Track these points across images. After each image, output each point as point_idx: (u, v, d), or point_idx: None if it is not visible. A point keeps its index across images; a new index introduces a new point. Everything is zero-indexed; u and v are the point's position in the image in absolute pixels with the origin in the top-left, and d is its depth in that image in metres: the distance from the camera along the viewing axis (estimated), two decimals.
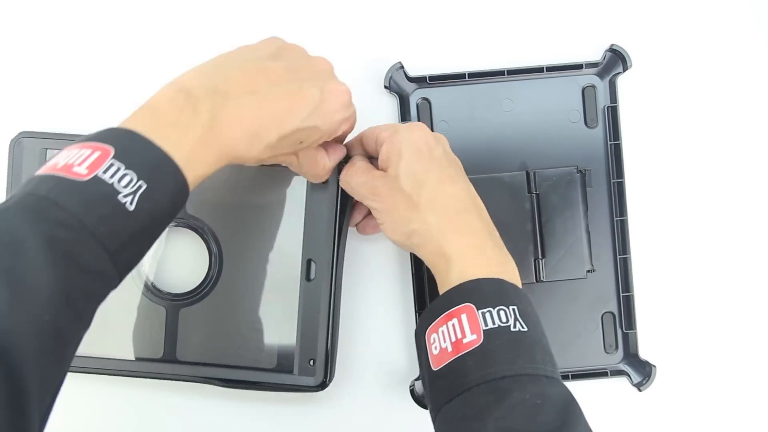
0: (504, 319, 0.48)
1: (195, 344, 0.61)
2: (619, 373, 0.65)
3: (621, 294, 0.65)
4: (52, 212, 0.39)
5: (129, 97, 0.54)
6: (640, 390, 0.65)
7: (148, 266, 0.63)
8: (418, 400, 0.64)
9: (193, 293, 0.62)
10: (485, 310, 0.48)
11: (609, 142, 0.66)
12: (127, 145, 0.43)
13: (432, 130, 0.65)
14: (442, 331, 0.49)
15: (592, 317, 0.65)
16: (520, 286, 0.52)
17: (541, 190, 0.65)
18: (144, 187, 0.42)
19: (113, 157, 0.42)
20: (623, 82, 0.66)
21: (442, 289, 0.52)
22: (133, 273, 0.61)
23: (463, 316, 0.48)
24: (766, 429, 0.66)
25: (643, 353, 0.66)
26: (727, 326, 0.67)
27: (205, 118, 0.46)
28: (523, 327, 0.48)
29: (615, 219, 0.65)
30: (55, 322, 0.39)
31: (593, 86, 0.66)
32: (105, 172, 0.41)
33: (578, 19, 0.67)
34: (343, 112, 0.53)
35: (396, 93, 0.66)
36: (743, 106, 0.67)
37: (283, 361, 0.60)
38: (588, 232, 0.65)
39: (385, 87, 0.66)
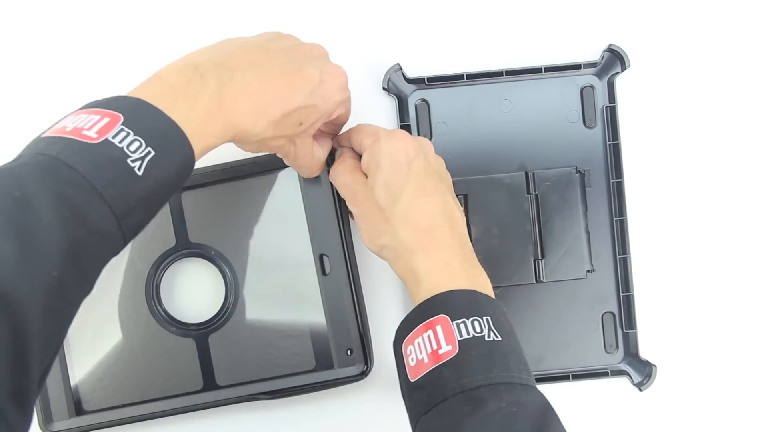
0: (478, 330, 0.48)
1: (231, 367, 0.62)
2: (620, 373, 0.65)
3: (621, 294, 0.65)
4: (63, 172, 0.40)
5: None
6: (640, 390, 0.65)
7: (166, 302, 0.63)
8: None
9: (216, 318, 0.62)
10: (459, 321, 0.49)
11: (608, 142, 0.66)
12: (137, 112, 0.43)
13: (431, 131, 0.65)
14: (418, 343, 0.49)
15: (592, 317, 0.65)
16: (492, 297, 0.53)
17: (541, 191, 0.65)
18: (152, 153, 0.42)
19: (122, 124, 0.42)
20: (621, 82, 0.66)
21: (414, 303, 0.52)
22: (159, 311, 0.62)
23: (438, 328, 0.49)
24: (766, 429, 0.66)
25: (644, 353, 0.66)
26: (727, 325, 0.66)
27: (213, 88, 0.47)
28: (497, 337, 0.49)
29: (614, 219, 0.65)
30: (61, 278, 0.38)
31: (592, 86, 0.66)
32: (114, 137, 0.42)
33: (576, 19, 0.67)
34: (340, 94, 0.54)
35: (394, 94, 0.66)
36: (742, 105, 0.67)
37: (322, 359, 0.61)
38: (587, 232, 0.65)
39: (384, 89, 0.66)
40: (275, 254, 0.62)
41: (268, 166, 0.62)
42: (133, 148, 0.42)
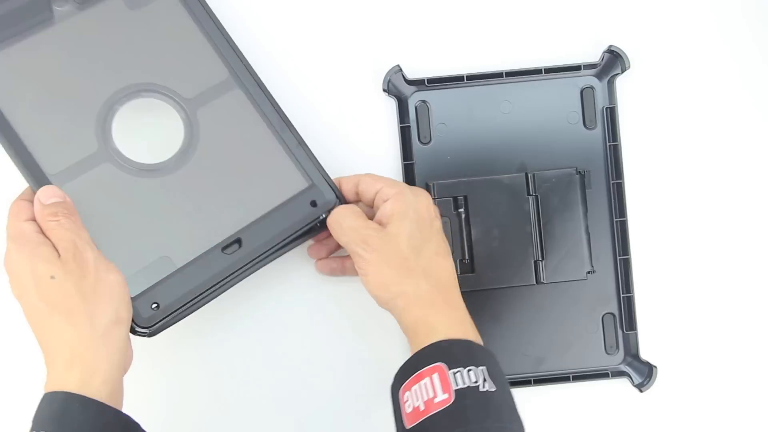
0: (474, 379, 0.49)
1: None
2: (620, 374, 0.65)
3: (621, 295, 0.65)
4: None
5: None
6: (641, 391, 0.65)
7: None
8: None
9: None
10: (456, 370, 0.50)
11: (608, 143, 0.66)
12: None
13: (430, 132, 0.65)
14: (415, 390, 0.50)
15: (592, 318, 0.65)
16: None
17: (541, 192, 0.64)
18: None
19: None
20: (622, 83, 0.66)
21: (414, 350, 0.53)
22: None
23: (435, 376, 0.50)
24: (766, 429, 0.66)
25: (644, 354, 0.66)
26: (727, 326, 0.66)
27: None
28: (491, 387, 0.50)
29: (615, 220, 0.65)
30: None
31: (592, 87, 0.66)
32: None
33: (576, 20, 0.67)
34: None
35: (394, 96, 0.66)
36: (741, 106, 0.67)
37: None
38: (588, 234, 0.65)
39: (384, 90, 0.66)
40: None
41: None
42: None
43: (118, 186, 0.57)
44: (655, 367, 0.65)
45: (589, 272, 0.65)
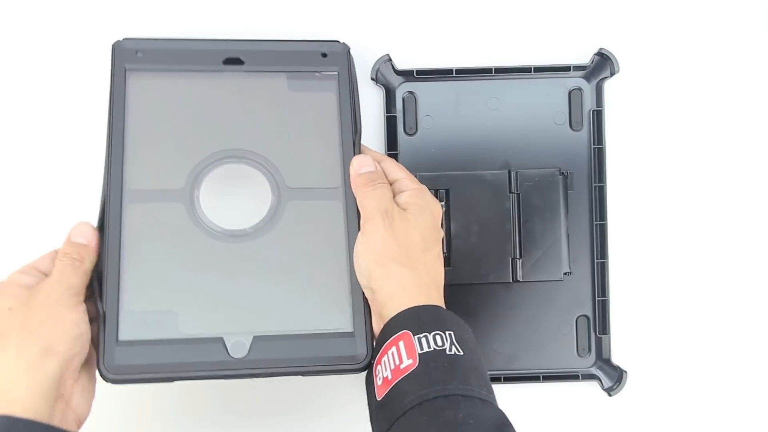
0: (440, 343, 0.48)
1: None
2: (591, 377, 0.65)
3: (597, 298, 0.65)
4: None
5: None
6: (610, 395, 0.65)
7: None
8: None
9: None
10: (421, 336, 0.49)
11: (593, 146, 0.66)
12: None
13: (416, 124, 0.65)
14: (384, 361, 0.49)
15: (566, 320, 0.66)
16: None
17: (523, 190, 0.64)
18: None
19: None
20: (610, 86, 0.66)
21: (376, 309, 0.53)
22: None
23: (401, 343, 0.49)
24: None
25: (616, 359, 0.66)
26: (700, 336, 0.67)
27: None
28: (459, 351, 0.49)
29: (594, 223, 0.66)
30: None
31: (580, 89, 0.66)
32: None
33: (568, 21, 0.67)
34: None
35: (383, 85, 0.65)
36: (727, 116, 0.67)
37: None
38: (567, 235, 0.65)
39: (372, 79, 0.65)
40: None
41: None
42: None
43: (177, 229, 0.56)
44: (626, 371, 0.65)
45: (566, 273, 0.65)
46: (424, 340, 0.48)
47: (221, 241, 0.56)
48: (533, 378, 0.65)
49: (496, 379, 0.65)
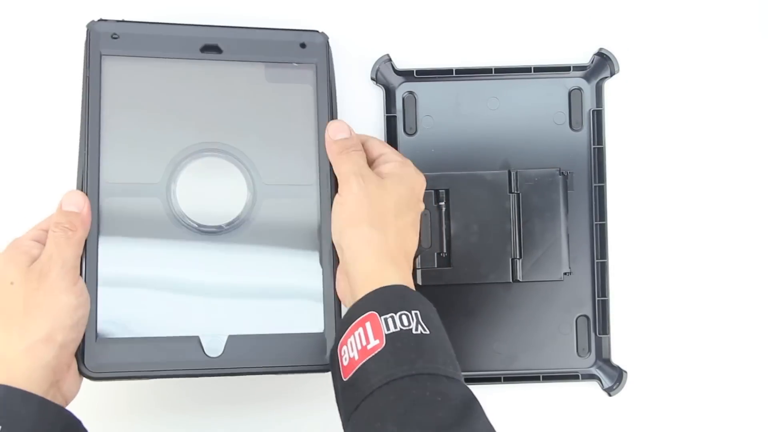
0: (406, 323, 0.49)
1: None
2: (591, 377, 0.65)
3: (597, 298, 0.65)
4: None
5: None
6: (610, 395, 0.65)
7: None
8: None
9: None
10: (387, 316, 0.49)
11: (593, 146, 0.66)
12: None
13: (416, 124, 0.65)
14: (351, 342, 0.50)
15: (566, 320, 0.65)
16: None
17: (523, 190, 0.64)
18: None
19: None
20: (610, 86, 0.66)
21: (345, 270, 0.54)
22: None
23: (368, 324, 0.49)
24: None
25: (615, 359, 0.66)
26: (700, 334, 0.67)
27: None
28: (425, 330, 0.49)
29: (594, 223, 0.65)
30: None
31: (580, 89, 0.66)
32: None
33: (568, 21, 0.67)
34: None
35: (382, 85, 0.65)
36: (727, 116, 0.67)
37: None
38: (567, 235, 0.65)
39: (372, 79, 0.65)
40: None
41: None
42: None
43: (154, 225, 0.56)
44: (626, 372, 0.65)
45: (566, 273, 0.65)
46: (390, 320, 0.49)
47: (196, 238, 0.57)
48: (533, 378, 0.65)
49: (496, 379, 0.65)
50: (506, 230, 0.64)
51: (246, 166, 0.58)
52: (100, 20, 0.57)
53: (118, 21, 0.57)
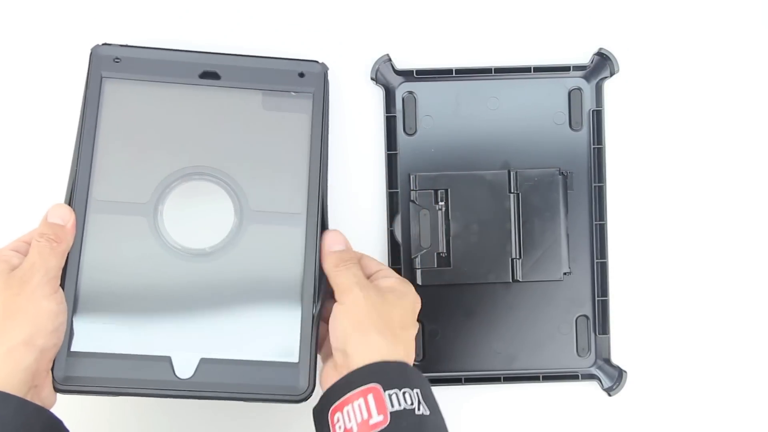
0: (409, 402, 0.49)
1: None
2: (591, 377, 0.65)
3: (597, 298, 0.65)
4: None
5: None
6: (610, 395, 0.65)
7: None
8: None
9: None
10: (391, 392, 0.49)
11: (592, 146, 0.66)
12: None
13: (416, 124, 0.65)
14: (347, 411, 0.49)
15: (566, 320, 0.65)
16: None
17: (522, 190, 0.64)
18: None
19: None
20: (609, 86, 0.66)
21: (343, 372, 0.52)
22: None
23: (370, 396, 0.49)
24: None
25: (615, 358, 0.66)
26: (699, 334, 0.67)
27: None
28: (426, 411, 0.49)
29: (594, 223, 0.66)
30: None
31: (580, 89, 0.66)
32: None
33: (568, 21, 0.67)
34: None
35: (382, 85, 0.65)
36: (727, 116, 0.67)
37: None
38: (567, 235, 0.65)
39: (372, 79, 0.65)
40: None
41: None
42: None
43: (137, 244, 0.57)
44: (626, 371, 0.65)
45: (565, 273, 0.65)
46: (394, 396, 0.49)
47: (180, 259, 0.57)
48: (533, 378, 0.65)
49: (496, 379, 0.65)
50: (506, 230, 0.64)
51: (234, 191, 0.58)
52: (104, 44, 0.59)
53: (121, 45, 0.59)
